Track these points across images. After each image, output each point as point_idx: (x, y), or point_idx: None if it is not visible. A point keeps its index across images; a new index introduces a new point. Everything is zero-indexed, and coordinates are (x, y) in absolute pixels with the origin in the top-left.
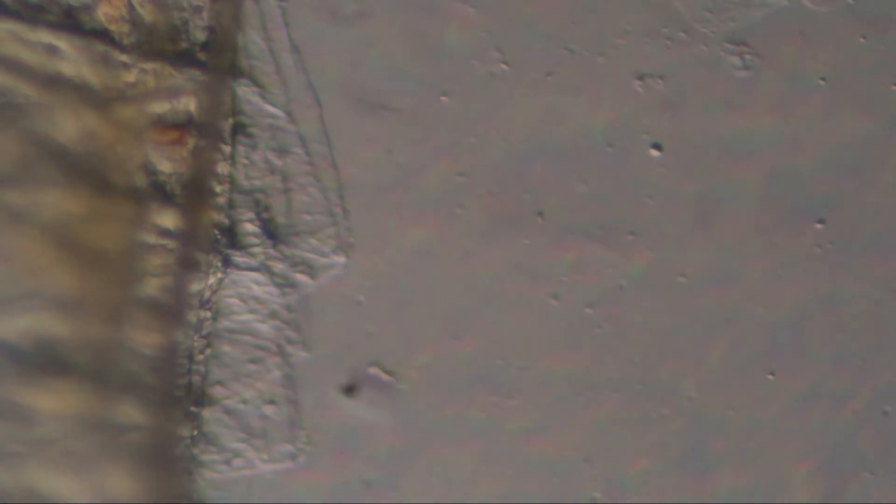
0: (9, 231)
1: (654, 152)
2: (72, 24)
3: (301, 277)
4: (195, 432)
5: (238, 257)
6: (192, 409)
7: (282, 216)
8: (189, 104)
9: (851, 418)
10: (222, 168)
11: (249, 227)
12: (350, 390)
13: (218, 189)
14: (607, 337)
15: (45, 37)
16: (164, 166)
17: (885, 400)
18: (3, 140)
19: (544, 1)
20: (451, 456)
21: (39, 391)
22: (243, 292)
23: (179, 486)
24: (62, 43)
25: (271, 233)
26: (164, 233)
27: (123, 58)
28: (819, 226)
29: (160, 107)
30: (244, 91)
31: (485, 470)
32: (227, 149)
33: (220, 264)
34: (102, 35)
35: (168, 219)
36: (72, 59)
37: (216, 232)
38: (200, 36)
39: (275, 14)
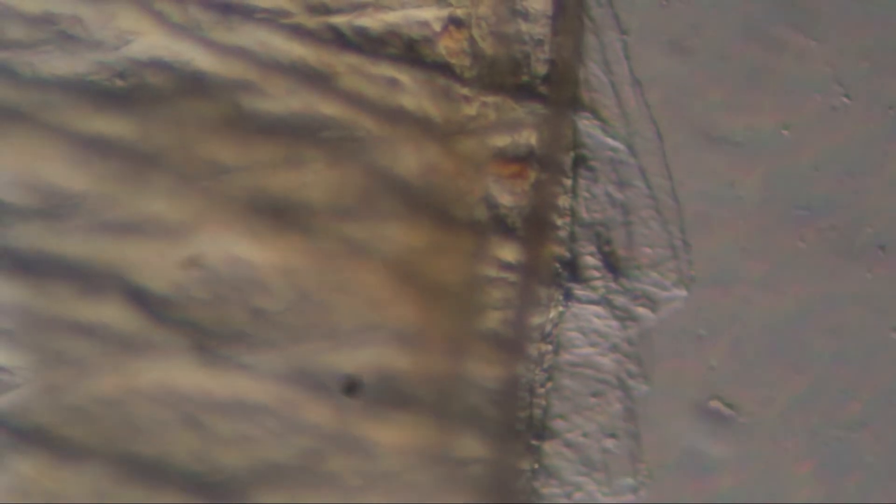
0: (351, 264)
1: None
2: (413, 57)
3: (642, 311)
4: (536, 465)
5: (579, 290)
6: (533, 442)
7: (623, 249)
8: (530, 137)
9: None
10: (563, 201)
11: (590, 261)
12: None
13: (559, 222)
14: None
15: (387, 70)
16: (505, 199)
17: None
18: (346, 173)
19: (886, 32)
20: (791, 490)
21: (381, 424)
22: (584, 325)
23: None
24: (403, 76)
25: (612, 266)
26: (505, 266)
27: (464, 91)
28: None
29: (501, 140)
30: (585, 124)
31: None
32: (567, 182)
33: (561, 297)
34: (443, 68)
35: (509, 252)
36: (413, 92)
37: (557, 265)
38: (541, 69)
39: (615, 47)
